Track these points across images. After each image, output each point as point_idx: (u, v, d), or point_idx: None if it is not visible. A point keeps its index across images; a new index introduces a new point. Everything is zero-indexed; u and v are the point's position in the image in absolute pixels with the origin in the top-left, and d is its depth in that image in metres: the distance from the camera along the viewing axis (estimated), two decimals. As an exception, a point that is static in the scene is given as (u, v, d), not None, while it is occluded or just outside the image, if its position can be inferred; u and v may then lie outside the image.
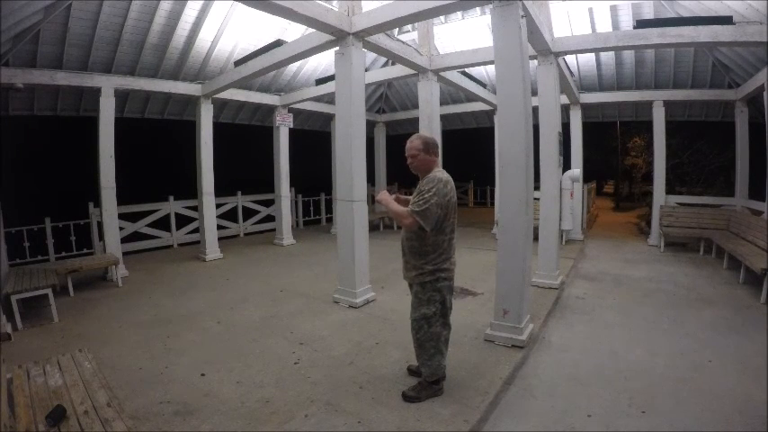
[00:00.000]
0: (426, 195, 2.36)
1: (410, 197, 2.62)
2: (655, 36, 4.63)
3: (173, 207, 8.20)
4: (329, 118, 9.50)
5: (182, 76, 6.72)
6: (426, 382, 2.63)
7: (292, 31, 6.68)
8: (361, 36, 4.41)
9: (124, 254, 6.28)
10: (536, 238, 4.42)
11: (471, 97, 8.37)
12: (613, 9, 6.20)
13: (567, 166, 7.31)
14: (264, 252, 7.74)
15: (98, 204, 6.16)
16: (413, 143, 2.53)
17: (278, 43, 5.42)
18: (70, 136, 8.04)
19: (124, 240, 6.89)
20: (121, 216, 6.75)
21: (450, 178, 2.52)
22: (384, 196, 2.57)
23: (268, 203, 9.69)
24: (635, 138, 15.80)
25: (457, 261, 2.65)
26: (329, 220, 11.07)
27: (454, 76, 6.67)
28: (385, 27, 4.33)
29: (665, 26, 4.62)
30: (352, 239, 4.46)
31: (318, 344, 3.53)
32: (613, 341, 3.54)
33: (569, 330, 3.84)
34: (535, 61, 4.99)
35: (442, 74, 6.19)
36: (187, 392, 2.77)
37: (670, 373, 2.96)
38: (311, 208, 11.10)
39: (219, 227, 8.33)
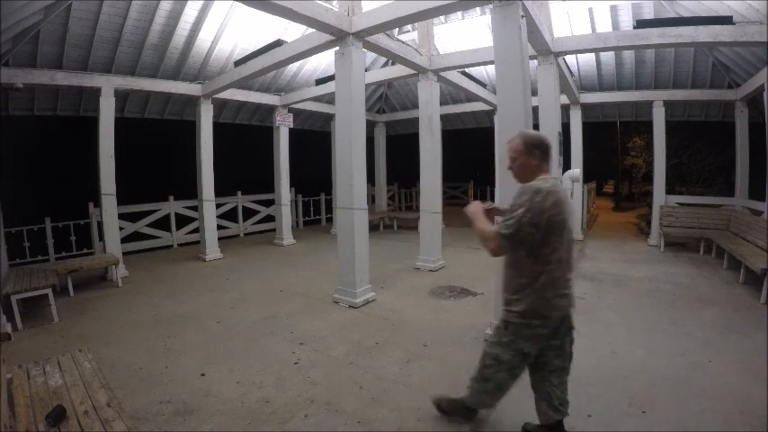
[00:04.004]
0: (518, 212, 1.82)
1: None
2: (655, 36, 4.63)
3: (173, 207, 8.19)
4: (329, 118, 9.50)
5: (182, 76, 6.72)
6: (465, 404, 2.33)
7: (292, 31, 6.68)
8: (361, 36, 4.41)
9: (124, 254, 6.28)
10: (536, 238, 4.41)
11: (471, 97, 8.37)
12: (613, 9, 6.19)
13: (567, 166, 7.30)
14: (264, 252, 7.74)
15: (98, 204, 6.16)
16: (512, 143, 2.04)
17: (278, 43, 5.43)
18: (70, 136, 8.03)
19: (124, 240, 6.88)
20: (121, 216, 6.75)
21: (558, 188, 1.89)
22: (473, 209, 2.10)
23: (268, 203, 9.67)
24: (635, 138, 15.81)
25: (572, 303, 2.00)
26: (329, 220, 11.06)
27: (454, 76, 6.67)
28: (385, 27, 4.33)
29: (665, 26, 4.62)
30: (352, 240, 4.46)
31: (318, 344, 3.53)
32: (613, 341, 3.54)
33: (569, 330, 3.84)
34: (535, 61, 4.99)
35: (442, 74, 6.19)
36: (187, 392, 2.78)
37: (670, 373, 2.96)
38: (311, 208, 11.10)
39: (219, 227, 8.32)
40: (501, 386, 2.13)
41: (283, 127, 8.39)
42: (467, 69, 6.87)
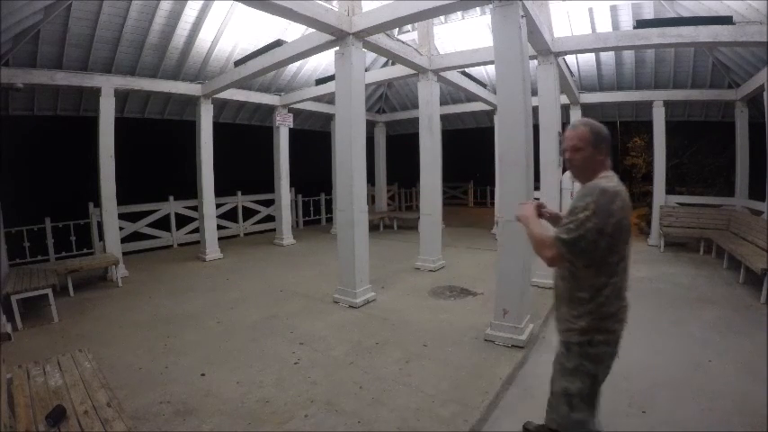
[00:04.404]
0: (581, 215, 1.57)
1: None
2: (655, 36, 4.63)
3: (173, 207, 8.20)
4: (329, 118, 9.50)
5: (182, 76, 6.72)
6: None
7: (292, 31, 6.68)
8: (361, 36, 4.41)
9: (124, 254, 6.28)
10: (536, 238, 4.41)
11: (471, 97, 8.37)
12: (613, 9, 6.19)
13: (567, 166, 7.30)
14: (264, 252, 7.74)
15: (98, 204, 6.16)
16: (578, 131, 1.73)
17: (278, 43, 5.43)
18: (70, 136, 8.02)
19: (124, 240, 6.89)
20: (121, 216, 6.75)
21: (623, 189, 1.65)
22: (527, 211, 1.85)
23: (268, 203, 9.68)
24: (635, 138, 15.80)
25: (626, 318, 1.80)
26: (329, 220, 11.07)
27: (454, 76, 6.67)
28: (385, 27, 4.33)
29: (665, 26, 4.62)
30: (352, 240, 4.46)
31: (318, 344, 3.53)
32: (613, 341, 3.53)
33: (569, 330, 3.84)
34: (535, 61, 4.99)
35: (442, 74, 6.19)
36: (187, 392, 2.78)
37: (670, 373, 2.97)
38: (311, 208, 11.10)
39: (219, 227, 8.32)
40: (585, 427, 1.78)
41: (283, 127, 8.39)
42: (467, 69, 6.86)
